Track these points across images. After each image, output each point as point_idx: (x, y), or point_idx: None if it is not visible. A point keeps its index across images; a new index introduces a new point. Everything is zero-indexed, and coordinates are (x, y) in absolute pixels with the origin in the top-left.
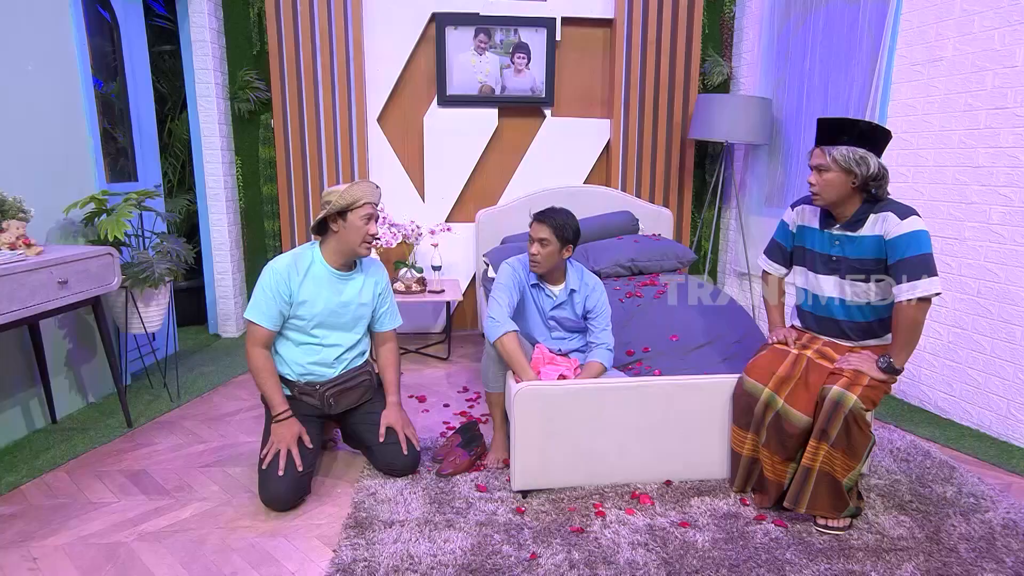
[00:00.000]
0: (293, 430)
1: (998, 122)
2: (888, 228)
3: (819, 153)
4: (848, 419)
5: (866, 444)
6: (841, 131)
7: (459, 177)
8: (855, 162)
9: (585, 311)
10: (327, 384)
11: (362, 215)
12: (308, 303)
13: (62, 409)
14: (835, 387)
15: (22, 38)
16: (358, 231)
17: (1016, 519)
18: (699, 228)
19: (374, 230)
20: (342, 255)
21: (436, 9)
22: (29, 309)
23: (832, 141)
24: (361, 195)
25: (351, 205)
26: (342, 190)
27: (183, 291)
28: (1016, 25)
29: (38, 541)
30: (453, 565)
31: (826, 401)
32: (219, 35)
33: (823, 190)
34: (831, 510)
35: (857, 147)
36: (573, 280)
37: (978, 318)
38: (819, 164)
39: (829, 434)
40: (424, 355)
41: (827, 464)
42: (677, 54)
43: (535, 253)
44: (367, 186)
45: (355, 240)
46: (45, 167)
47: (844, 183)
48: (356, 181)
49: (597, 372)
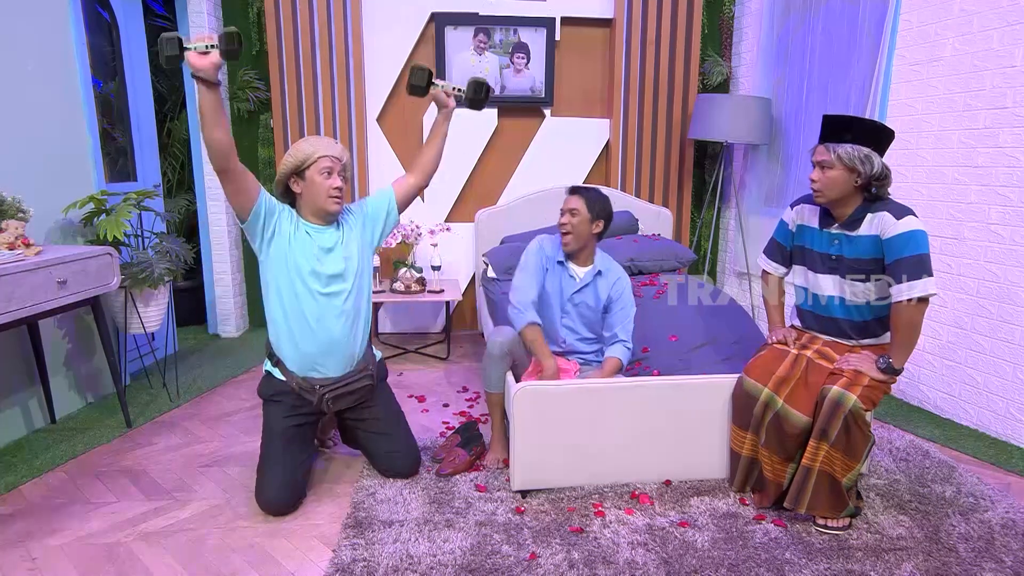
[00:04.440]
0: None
1: (997, 122)
2: (884, 228)
3: (823, 150)
4: (848, 419)
5: (865, 444)
6: (846, 128)
7: (459, 177)
8: (860, 160)
9: (608, 300)
10: (327, 386)
11: (320, 169)
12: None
13: (61, 409)
14: (835, 387)
15: (21, 38)
16: (319, 187)
17: (1015, 519)
18: (698, 228)
19: (338, 183)
20: (315, 216)
21: (435, 9)
22: (28, 309)
23: (837, 138)
24: (313, 149)
25: (305, 162)
26: (292, 148)
27: (182, 291)
28: (1015, 25)
29: (37, 541)
30: (452, 565)
31: (826, 401)
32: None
33: (825, 187)
34: (831, 510)
35: (862, 146)
36: (600, 263)
37: (977, 318)
38: (823, 160)
39: (829, 434)
40: (423, 355)
41: (827, 464)
42: (676, 54)
43: (565, 223)
44: (318, 139)
45: (320, 197)
46: (44, 167)
47: (847, 181)
48: (305, 138)
49: (614, 369)
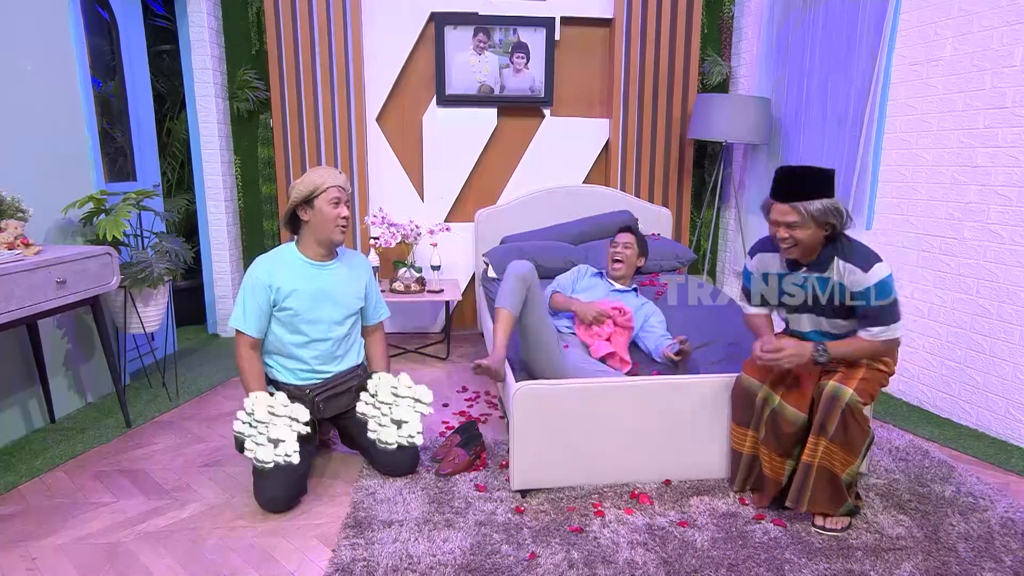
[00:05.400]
0: (265, 398)
1: (997, 122)
2: (853, 280)
3: (789, 210)
4: (845, 413)
5: (864, 438)
6: (800, 181)
7: (458, 177)
8: (832, 214)
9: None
10: (317, 389)
11: (329, 199)
12: (288, 293)
13: (61, 409)
14: (831, 382)
15: (21, 37)
16: (328, 215)
17: (1015, 518)
18: (698, 228)
19: (345, 212)
20: (319, 244)
21: (435, 8)
22: (27, 309)
23: (798, 194)
24: (322, 180)
25: (314, 191)
26: (302, 178)
27: (182, 291)
28: (1015, 25)
29: (37, 541)
30: (452, 565)
31: (823, 396)
32: (218, 35)
33: (800, 245)
34: (830, 505)
35: (823, 197)
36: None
37: (977, 317)
38: (793, 222)
39: (828, 428)
40: (423, 355)
41: (826, 459)
42: (676, 54)
43: (619, 253)
44: (327, 171)
45: (328, 226)
46: (43, 167)
47: (818, 235)
48: (313, 168)
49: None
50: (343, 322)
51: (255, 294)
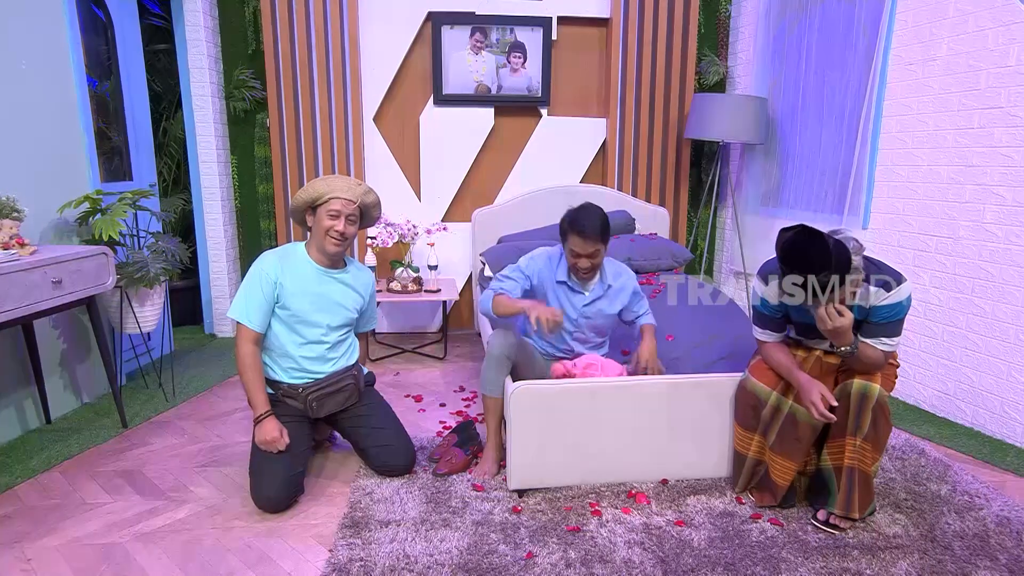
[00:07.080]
0: (273, 434)
1: (992, 121)
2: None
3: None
4: (875, 410)
5: (888, 433)
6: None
7: (455, 176)
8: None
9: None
10: (310, 388)
11: (329, 210)
12: (292, 294)
13: (56, 409)
14: (856, 380)
15: (15, 36)
16: (323, 227)
17: (1010, 516)
18: (695, 227)
19: (340, 227)
20: (318, 251)
21: (432, 8)
22: (23, 309)
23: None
24: (327, 190)
25: (316, 200)
26: (312, 183)
27: (178, 291)
28: (1010, 25)
29: (32, 542)
30: (449, 564)
31: (852, 396)
32: (214, 34)
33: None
34: (864, 506)
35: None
36: (609, 275)
37: (972, 316)
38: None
39: (862, 427)
40: (420, 355)
41: (859, 459)
42: (673, 53)
43: (587, 268)
44: (338, 181)
45: (321, 235)
46: (39, 166)
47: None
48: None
49: (654, 331)
50: (338, 328)
51: (262, 287)
